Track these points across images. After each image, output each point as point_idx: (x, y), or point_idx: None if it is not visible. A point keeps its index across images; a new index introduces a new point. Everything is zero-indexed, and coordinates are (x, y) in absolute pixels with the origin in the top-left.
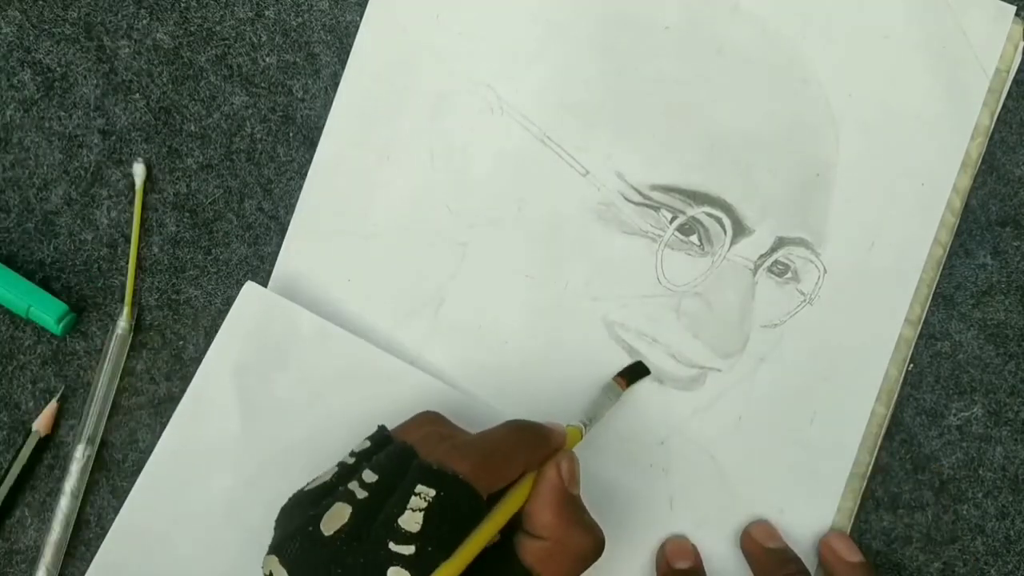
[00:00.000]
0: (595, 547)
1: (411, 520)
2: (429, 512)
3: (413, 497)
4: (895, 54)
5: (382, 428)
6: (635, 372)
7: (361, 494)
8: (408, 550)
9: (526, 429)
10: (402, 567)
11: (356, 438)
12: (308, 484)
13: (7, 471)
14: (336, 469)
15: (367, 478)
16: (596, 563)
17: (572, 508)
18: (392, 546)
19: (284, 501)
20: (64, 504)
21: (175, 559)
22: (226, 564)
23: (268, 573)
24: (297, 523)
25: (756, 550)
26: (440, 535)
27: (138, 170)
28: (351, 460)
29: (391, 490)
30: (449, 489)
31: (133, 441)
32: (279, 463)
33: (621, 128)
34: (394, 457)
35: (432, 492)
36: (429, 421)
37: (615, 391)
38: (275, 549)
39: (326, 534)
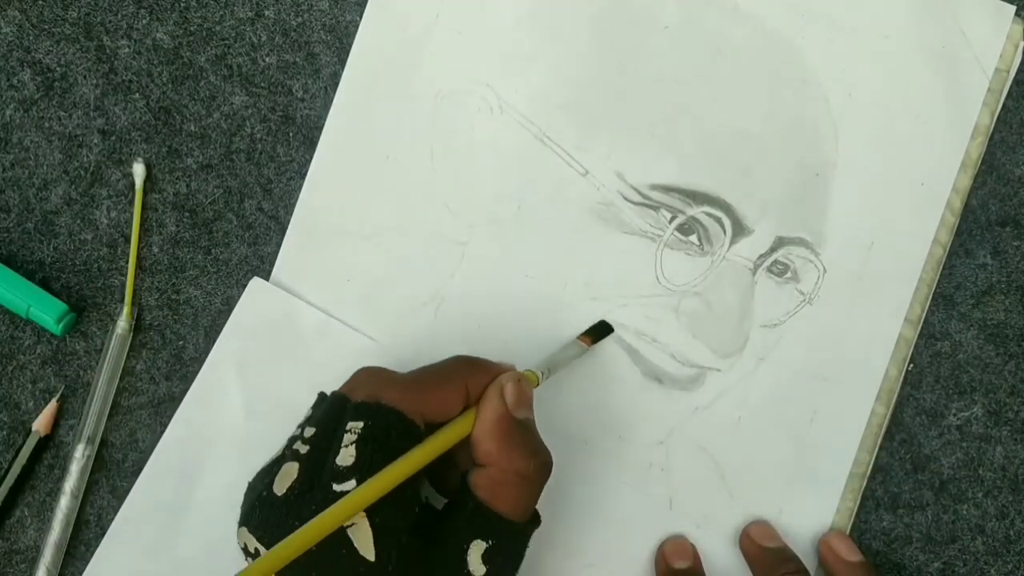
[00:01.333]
0: (538, 469)
1: (346, 456)
2: (360, 444)
3: (345, 434)
4: (895, 54)
5: (321, 393)
6: (600, 331)
7: (304, 449)
8: (350, 485)
9: (465, 357)
10: None
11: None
12: (266, 461)
13: (7, 471)
14: (286, 442)
15: (307, 433)
16: (594, 559)
17: (515, 432)
18: (335, 486)
19: None
20: (64, 504)
21: (176, 556)
22: (227, 563)
23: (243, 545)
24: (256, 492)
25: (755, 550)
26: (375, 463)
27: (138, 170)
28: (297, 430)
29: (328, 435)
30: (377, 418)
31: (133, 441)
32: None
33: (620, 128)
34: (329, 407)
35: (360, 424)
36: (366, 371)
37: (578, 346)
38: (243, 521)
39: (279, 494)
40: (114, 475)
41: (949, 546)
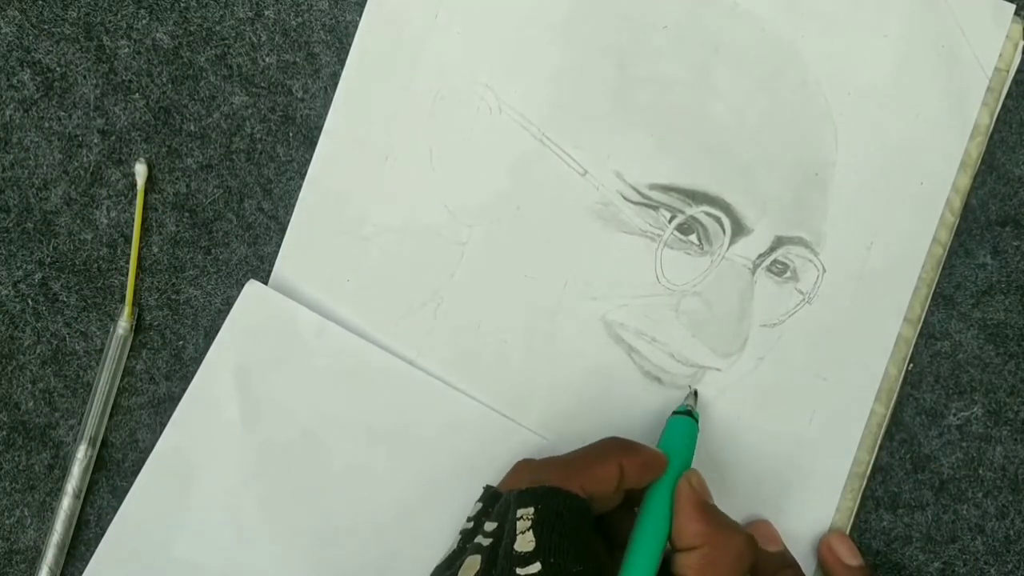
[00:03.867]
0: (748, 544)
1: (524, 542)
2: (536, 528)
3: (519, 522)
4: (894, 53)
5: (488, 487)
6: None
7: (486, 542)
8: (534, 568)
9: (619, 439)
10: None
11: (354, 438)
12: (438, 562)
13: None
14: (459, 537)
15: (487, 527)
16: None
17: (715, 513)
18: (519, 571)
19: (282, 499)
20: (66, 505)
21: (173, 558)
22: (224, 563)
23: None
24: None
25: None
26: (555, 543)
27: (140, 170)
28: (470, 524)
29: (503, 530)
30: (545, 501)
31: (133, 441)
32: (279, 462)
33: (620, 127)
34: (506, 503)
35: (531, 510)
36: (525, 465)
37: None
38: None
39: None
40: (114, 475)
41: (949, 546)
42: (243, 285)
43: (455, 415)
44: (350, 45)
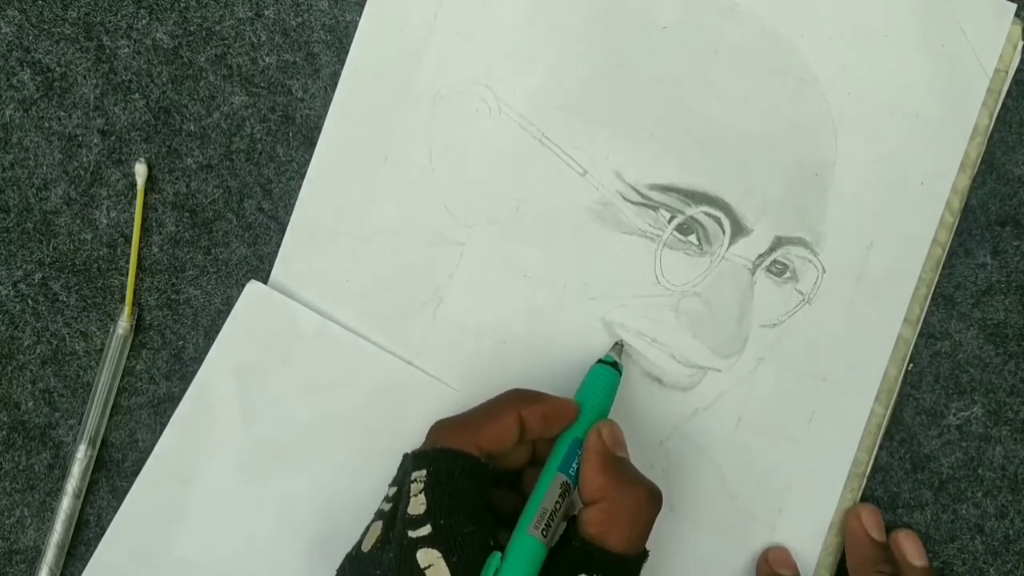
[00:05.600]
0: (650, 498)
1: (416, 504)
2: (427, 491)
3: (412, 484)
4: (894, 53)
5: (406, 454)
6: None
7: (387, 507)
8: (425, 530)
9: (519, 390)
10: (427, 547)
11: (355, 438)
12: None
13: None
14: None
15: (389, 492)
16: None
17: (620, 466)
18: (411, 533)
19: (282, 499)
20: (66, 505)
21: (173, 558)
22: (224, 563)
23: None
24: (349, 550)
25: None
26: (446, 505)
27: (140, 170)
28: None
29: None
30: (437, 462)
31: (133, 441)
32: (279, 462)
33: (619, 128)
34: (404, 467)
35: (423, 472)
36: (435, 426)
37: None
38: None
39: (366, 551)
40: (114, 475)
41: (948, 545)
42: (243, 285)
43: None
44: (350, 45)
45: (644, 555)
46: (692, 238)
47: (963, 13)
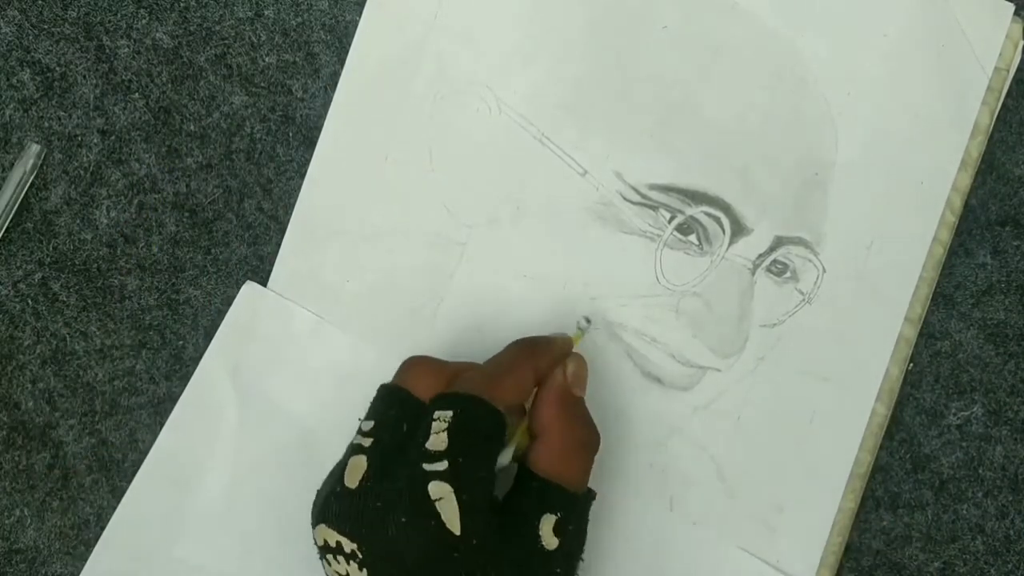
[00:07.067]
0: (590, 437)
1: (437, 441)
2: (451, 430)
3: (435, 422)
4: (894, 52)
5: (381, 385)
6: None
7: (367, 441)
8: (442, 465)
9: (527, 341)
10: (440, 480)
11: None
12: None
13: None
14: (347, 449)
15: (364, 427)
16: (593, 560)
17: (572, 404)
18: (426, 466)
19: (279, 500)
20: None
21: (171, 558)
22: (223, 563)
23: (323, 542)
24: (326, 491)
25: None
26: (466, 446)
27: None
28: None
29: (391, 425)
30: (465, 408)
31: (133, 441)
32: (276, 463)
33: (619, 128)
34: (380, 399)
35: (449, 413)
36: (419, 362)
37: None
38: (318, 519)
39: (353, 486)
40: (114, 475)
41: (949, 546)
42: (243, 285)
43: None
44: (350, 45)
45: (592, 494)
46: (692, 238)
47: (963, 12)
